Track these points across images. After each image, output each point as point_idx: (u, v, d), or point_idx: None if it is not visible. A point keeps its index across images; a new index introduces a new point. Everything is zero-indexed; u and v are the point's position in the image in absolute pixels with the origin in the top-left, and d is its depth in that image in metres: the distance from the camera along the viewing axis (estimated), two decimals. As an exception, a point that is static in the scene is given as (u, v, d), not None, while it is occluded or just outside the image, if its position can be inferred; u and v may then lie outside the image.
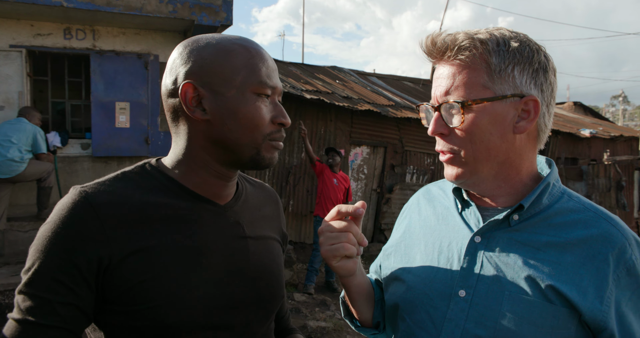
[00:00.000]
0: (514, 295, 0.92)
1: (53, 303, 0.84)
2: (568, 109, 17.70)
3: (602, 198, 10.26)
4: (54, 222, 0.86)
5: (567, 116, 15.69)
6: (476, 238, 1.00)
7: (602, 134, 13.34)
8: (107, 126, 6.28)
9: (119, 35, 6.35)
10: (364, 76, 12.38)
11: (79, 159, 6.35)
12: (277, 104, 0.99)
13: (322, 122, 8.71)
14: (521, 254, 0.94)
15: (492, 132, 0.95)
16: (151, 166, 0.99)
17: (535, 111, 0.95)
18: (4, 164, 5.27)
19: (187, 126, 0.97)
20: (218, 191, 1.01)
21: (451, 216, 1.09)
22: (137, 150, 6.44)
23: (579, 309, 0.88)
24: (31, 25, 5.95)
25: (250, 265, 1.01)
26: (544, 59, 0.96)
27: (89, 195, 0.88)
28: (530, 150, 1.01)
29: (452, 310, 0.97)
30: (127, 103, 6.35)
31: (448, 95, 0.97)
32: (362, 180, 9.37)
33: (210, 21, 5.97)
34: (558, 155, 12.09)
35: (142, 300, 0.87)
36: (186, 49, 0.96)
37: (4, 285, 4.78)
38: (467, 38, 0.94)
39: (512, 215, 0.97)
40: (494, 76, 0.93)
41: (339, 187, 6.57)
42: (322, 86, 9.31)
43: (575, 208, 0.97)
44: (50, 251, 0.85)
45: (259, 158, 0.97)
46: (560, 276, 0.90)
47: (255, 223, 1.08)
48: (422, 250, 1.08)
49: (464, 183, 1.02)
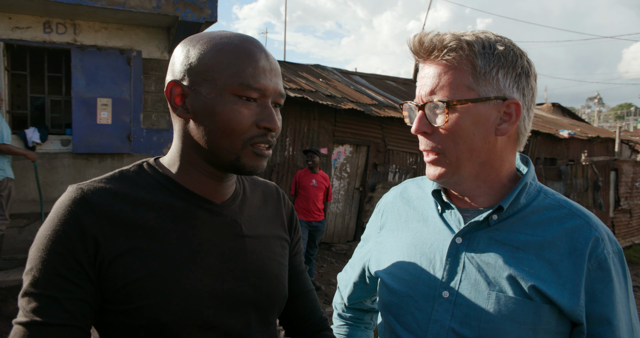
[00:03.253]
0: (496, 294, 0.95)
1: (61, 301, 0.83)
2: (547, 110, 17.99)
3: (579, 198, 10.45)
4: (53, 220, 0.86)
5: (546, 117, 15.95)
6: (457, 239, 1.02)
7: (580, 135, 13.60)
8: (89, 122, 6.17)
9: (101, 30, 6.23)
10: (347, 74, 12.40)
11: (59, 155, 6.22)
12: (266, 107, 0.93)
13: (305, 121, 8.70)
14: (501, 253, 0.97)
15: (475, 133, 0.97)
16: (148, 165, 0.99)
17: (516, 114, 0.98)
18: None
19: (179, 124, 0.97)
20: (213, 190, 1.00)
21: (432, 218, 1.10)
22: (119, 147, 6.34)
23: (559, 305, 0.91)
24: (9, 18, 5.81)
25: (248, 264, 1.00)
26: (526, 65, 0.99)
27: (86, 193, 0.88)
28: (510, 152, 1.03)
29: (437, 311, 0.99)
30: (109, 99, 6.25)
31: (433, 94, 0.98)
32: (345, 179, 9.39)
33: (194, 18, 5.90)
34: (538, 155, 12.29)
35: (137, 297, 0.86)
36: (182, 46, 0.95)
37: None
38: (454, 39, 0.95)
39: (491, 215, 1.00)
40: (479, 78, 0.95)
41: (319, 187, 6.55)
42: (305, 84, 9.29)
43: (551, 205, 1.00)
44: (52, 249, 0.84)
45: (239, 165, 0.93)
46: (540, 274, 0.93)
47: (254, 222, 1.06)
48: (405, 252, 1.10)
49: (445, 182, 1.04)
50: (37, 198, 5.83)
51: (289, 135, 8.52)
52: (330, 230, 9.20)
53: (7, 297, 4.73)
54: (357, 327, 1.38)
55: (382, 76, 13.41)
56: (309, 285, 1.23)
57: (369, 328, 1.40)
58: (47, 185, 6.03)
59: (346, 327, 1.38)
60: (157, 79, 6.60)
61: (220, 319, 0.93)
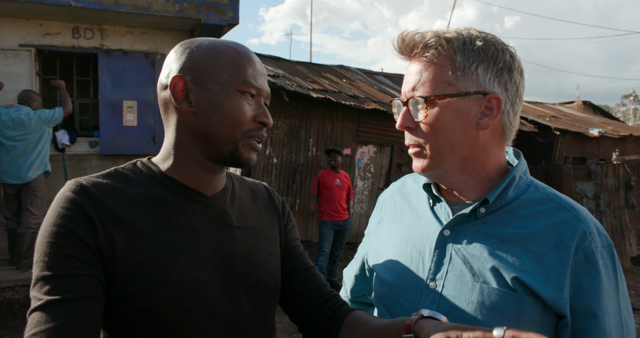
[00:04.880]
0: (480, 285, 0.96)
1: (74, 277, 0.87)
2: (577, 108, 17.58)
3: (610, 198, 10.18)
4: (55, 209, 0.91)
5: (575, 116, 15.59)
6: (445, 232, 1.04)
7: (611, 133, 13.24)
8: (115, 125, 6.34)
9: (127, 34, 6.40)
10: (371, 75, 12.38)
11: (87, 157, 6.41)
12: (261, 105, 1.04)
13: (328, 122, 8.73)
14: (487, 245, 0.99)
15: (455, 127, 0.99)
16: (142, 163, 1.06)
17: (498, 108, 0.99)
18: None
19: (176, 118, 1.03)
20: (205, 182, 1.05)
21: (423, 211, 1.13)
22: (144, 148, 6.50)
23: (541, 297, 0.92)
24: (40, 25, 6.02)
25: (237, 253, 1.05)
26: (509, 59, 1.00)
27: (84, 185, 0.94)
28: (496, 146, 1.04)
29: (424, 302, 1.02)
30: (135, 102, 6.42)
31: (415, 91, 1.01)
32: (369, 179, 9.38)
33: (216, 20, 6.01)
34: (566, 154, 12.02)
35: (131, 284, 0.90)
36: (181, 47, 1.04)
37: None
38: (433, 37, 0.98)
39: (478, 208, 1.01)
40: (458, 74, 0.97)
41: (343, 186, 6.58)
42: (329, 84, 9.32)
43: (540, 199, 1.01)
44: (58, 233, 0.88)
45: (237, 154, 1.01)
46: (524, 266, 0.94)
47: (244, 215, 1.12)
48: (397, 244, 1.13)
49: (430, 175, 1.06)
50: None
51: (312, 136, 8.56)
52: (354, 230, 9.20)
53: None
54: None
55: (407, 76, 13.33)
56: (316, 278, 1.20)
57: None
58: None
59: None
60: (181, 81, 6.73)
61: (211, 304, 0.98)
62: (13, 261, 5.26)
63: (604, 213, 10.07)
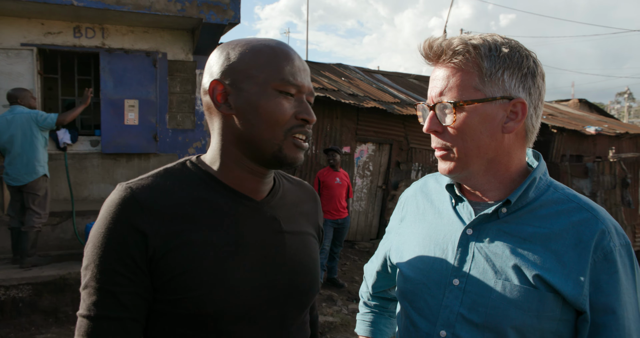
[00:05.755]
0: (502, 282, 1.00)
1: (117, 295, 0.91)
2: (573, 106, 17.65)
3: (607, 195, 10.27)
4: (105, 218, 0.92)
5: (572, 113, 15.67)
6: (468, 231, 1.08)
7: (608, 131, 13.32)
8: (116, 124, 6.36)
9: (128, 33, 6.42)
10: (370, 73, 12.41)
11: (89, 155, 6.42)
12: (303, 101, 1.02)
13: (328, 120, 8.76)
14: (509, 244, 1.02)
15: (482, 131, 1.02)
16: (191, 163, 1.05)
17: (522, 112, 1.02)
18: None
19: (219, 122, 1.02)
20: (254, 187, 1.05)
21: (446, 211, 1.16)
22: (146, 147, 6.52)
23: (562, 294, 0.95)
24: (42, 24, 6.03)
25: (287, 258, 1.05)
26: (532, 65, 1.03)
27: (134, 191, 0.94)
28: (519, 148, 1.08)
29: (447, 298, 1.06)
30: (136, 101, 6.43)
31: (442, 96, 1.03)
32: (368, 177, 9.43)
33: (218, 19, 6.03)
34: (563, 152, 12.10)
35: (182, 290, 0.92)
36: (219, 50, 1.03)
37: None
38: (461, 43, 1.01)
39: (500, 208, 1.04)
40: (485, 79, 1.00)
41: (342, 184, 6.64)
42: (328, 83, 9.35)
43: (559, 199, 1.04)
44: (107, 246, 0.91)
45: (281, 156, 1.00)
46: (545, 264, 0.98)
47: (292, 219, 1.11)
48: (420, 242, 1.16)
49: (456, 176, 1.10)
50: (69, 197, 6.04)
51: (312, 134, 8.59)
52: (353, 228, 9.24)
53: (42, 292, 4.91)
54: (382, 315, 1.45)
55: (404, 74, 13.38)
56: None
57: (392, 316, 1.47)
58: (77, 184, 6.23)
59: (371, 314, 1.45)
60: (182, 80, 6.76)
61: (259, 310, 0.99)
62: (16, 259, 5.27)
63: (600, 211, 10.13)
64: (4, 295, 4.76)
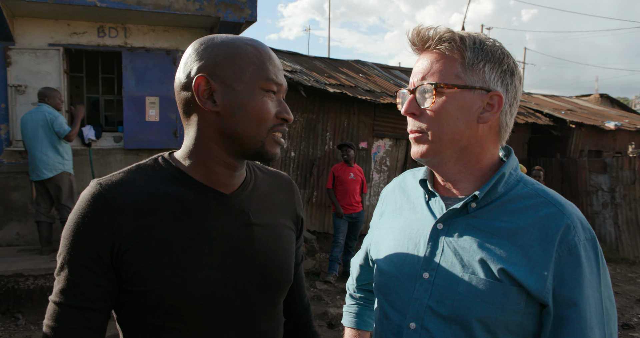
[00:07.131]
0: (469, 275, 1.02)
1: (81, 286, 0.96)
2: (594, 101, 17.40)
3: (626, 191, 10.16)
4: (75, 213, 0.97)
5: (592, 109, 15.46)
6: (438, 225, 1.10)
7: (628, 126, 13.13)
8: (138, 120, 6.56)
9: (149, 32, 6.62)
10: (387, 69, 12.46)
11: (112, 151, 6.66)
12: (281, 100, 1.06)
13: (345, 116, 8.86)
14: (477, 238, 1.05)
15: (459, 117, 1.05)
16: (163, 159, 1.07)
17: (498, 105, 1.06)
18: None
19: (198, 117, 1.03)
20: (224, 180, 1.06)
21: (420, 206, 1.19)
22: (166, 143, 6.71)
23: (526, 287, 0.98)
24: (68, 25, 6.27)
25: (255, 250, 1.07)
26: (512, 64, 1.08)
27: (103, 187, 0.98)
28: (492, 143, 1.11)
29: (417, 291, 1.09)
30: (157, 98, 6.62)
31: (424, 80, 1.07)
32: (385, 172, 9.51)
33: (235, 18, 6.18)
34: (582, 147, 11.98)
35: (144, 282, 0.96)
36: (201, 46, 1.03)
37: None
38: (448, 32, 1.05)
39: (470, 203, 1.07)
40: (467, 68, 1.04)
41: (356, 179, 6.75)
42: (345, 79, 9.45)
43: (528, 194, 1.06)
44: (74, 239, 0.96)
45: (263, 151, 1.03)
46: (510, 258, 1.00)
47: (263, 211, 1.13)
48: (396, 237, 1.19)
49: (428, 161, 1.12)
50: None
51: (329, 130, 8.71)
52: (368, 222, 9.31)
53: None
54: (366, 307, 1.48)
55: (423, 70, 13.35)
56: (300, 274, 1.32)
57: None
58: (102, 179, 6.44)
59: (356, 306, 1.49)
60: (202, 77, 6.91)
61: (224, 300, 1.02)
62: (43, 251, 5.52)
63: (619, 206, 10.06)
64: (33, 284, 4.99)
